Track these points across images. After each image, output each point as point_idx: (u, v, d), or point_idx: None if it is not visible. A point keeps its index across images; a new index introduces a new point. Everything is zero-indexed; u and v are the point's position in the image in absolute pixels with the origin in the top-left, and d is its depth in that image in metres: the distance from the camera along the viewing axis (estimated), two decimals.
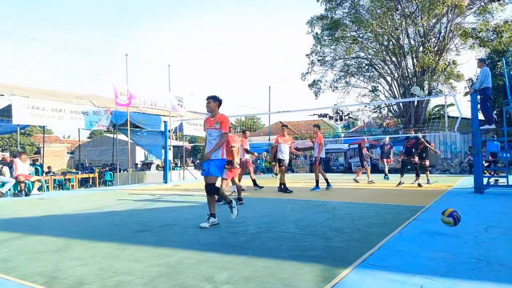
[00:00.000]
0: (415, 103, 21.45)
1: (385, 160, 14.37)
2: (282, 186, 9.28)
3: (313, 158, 10.03)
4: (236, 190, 7.53)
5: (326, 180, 9.82)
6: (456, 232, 4.19)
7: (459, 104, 10.58)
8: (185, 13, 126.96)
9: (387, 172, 14.46)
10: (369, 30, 21.40)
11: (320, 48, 24.26)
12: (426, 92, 20.29)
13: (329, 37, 23.49)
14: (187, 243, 3.95)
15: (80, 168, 18.12)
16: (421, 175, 11.68)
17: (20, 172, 10.25)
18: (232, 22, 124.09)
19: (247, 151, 9.53)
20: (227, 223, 5.11)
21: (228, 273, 2.85)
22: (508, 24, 18.62)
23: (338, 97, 37.74)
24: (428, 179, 11.69)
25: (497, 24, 19.10)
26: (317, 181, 9.72)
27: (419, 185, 10.33)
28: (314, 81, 25.19)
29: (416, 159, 10.67)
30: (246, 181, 10.48)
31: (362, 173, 13.38)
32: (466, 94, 8.79)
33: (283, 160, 9.39)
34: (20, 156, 10.69)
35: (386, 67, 23.12)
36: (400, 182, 10.57)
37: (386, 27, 21.05)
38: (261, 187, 10.38)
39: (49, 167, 17.59)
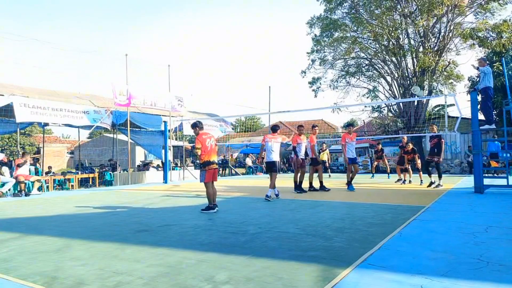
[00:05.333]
0: (415, 103, 21.44)
1: (376, 161, 16.03)
2: (295, 184, 9.39)
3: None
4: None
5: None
6: (456, 232, 4.20)
7: (459, 104, 10.54)
8: (185, 13, 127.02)
9: (374, 171, 16.95)
10: (368, 30, 21.40)
11: (320, 47, 24.24)
12: (426, 92, 20.27)
13: (329, 38, 23.49)
14: (187, 243, 3.95)
15: (80, 168, 18.11)
16: (413, 175, 12.41)
17: (20, 172, 10.25)
18: (232, 22, 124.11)
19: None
20: (227, 223, 5.11)
21: (228, 273, 2.85)
22: (507, 24, 18.59)
23: (338, 96, 37.85)
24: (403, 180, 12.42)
25: (496, 24, 19.08)
26: (349, 181, 9.76)
27: (432, 183, 10.13)
28: (314, 78, 25.18)
29: (437, 158, 10.06)
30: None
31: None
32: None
33: (303, 159, 9.40)
34: (23, 157, 10.71)
35: (386, 67, 23.10)
36: (432, 182, 10.22)
37: (385, 27, 21.04)
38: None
39: (49, 167, 17.58)
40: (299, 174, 9.42)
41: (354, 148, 9.92)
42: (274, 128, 8.42)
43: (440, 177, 10.12)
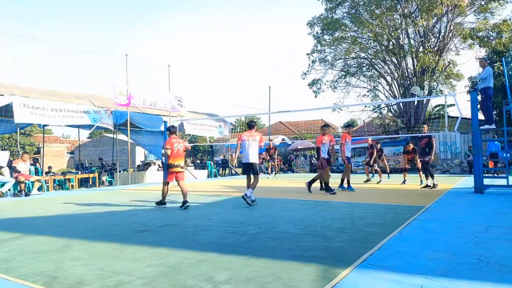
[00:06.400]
0: (415, 103, 21.45)
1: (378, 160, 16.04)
2: (324, 186, 9.24)
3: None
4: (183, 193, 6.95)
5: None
6: (456, 232, 4.20)
7: (459, 104, 10.52)
8: (185, 13, 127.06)
9: (374, 171, 16.42)
10: (368, 30, 21.41)
11: (321, 47, 24.27)
12: (426, 92, 20.28)
13: (329, 37, 23.51)
14: (187, 243, 3.95)
15: (80, 168, 18.10)
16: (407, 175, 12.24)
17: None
18: (232, 22, 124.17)
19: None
20: (227, 223, 5.11)
21: (228, 273, 2.85)
22: (507, 24, 18.59)
23: (338, 96, 37.84)
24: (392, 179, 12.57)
25: (495, 24, 19.09)
26: (348, 181, 9.64)
27: (427, 186, 10.09)
28: (314, 79, 25.20)
29: (428, 158, 9.89)
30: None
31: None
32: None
33: (327, 159, 9.29)
34: (22, 156, 10.71)
35: (386, 67, 23.11)
36: (427, 184, 10.10)
37: (385, 27, 21.05)
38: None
39: (49, 167, 17.57)
40: (326, 174, 9.33)
41: (350, 148, 10.02)
42: (251, 124, 7.51)
43: (432, 177, 10.02)
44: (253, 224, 4.96)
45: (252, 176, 7.25)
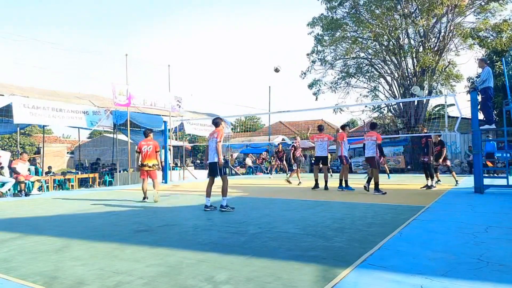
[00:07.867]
0: (415, 103, 21.45)
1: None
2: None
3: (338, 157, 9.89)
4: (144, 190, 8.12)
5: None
6: (456, 232, 4.20)
7: (459, 104, 10.51)
8: (185, 13, 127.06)
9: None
10: (368, 30, 21.40)
11: (321, 47, 24.25)
12: (426, 92, 20.27)
13: (330, 37, 23.50)
14: (187, 243, 3.95)
15: (80, 168, 18.09)
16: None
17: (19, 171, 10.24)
18: (232, 22, 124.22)
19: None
20: (227, 223, 5.11)
21: (228, 273, 2.85)
22: (507, 24, 18.59)
23: (339, 97, 37.82)
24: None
25: (496, 24, 19.08)
26: (346, 181, 9.63)
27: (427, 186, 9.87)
28: (314, 80, 25.15)
29: (427, 159, 9.87)
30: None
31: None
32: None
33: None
34: (21, 156, 10.71)
35: (386, 67, 23.11)
36: (427, 185, 9.89)
37: (386, 27, 21.05)
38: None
39: (49, 167, 17.57)
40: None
41: (348, 147, 10.08)
42: (214, 121, 6.76)
43: (432, 177, 9.93)
44: (253, 224, 4.96)
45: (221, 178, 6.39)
